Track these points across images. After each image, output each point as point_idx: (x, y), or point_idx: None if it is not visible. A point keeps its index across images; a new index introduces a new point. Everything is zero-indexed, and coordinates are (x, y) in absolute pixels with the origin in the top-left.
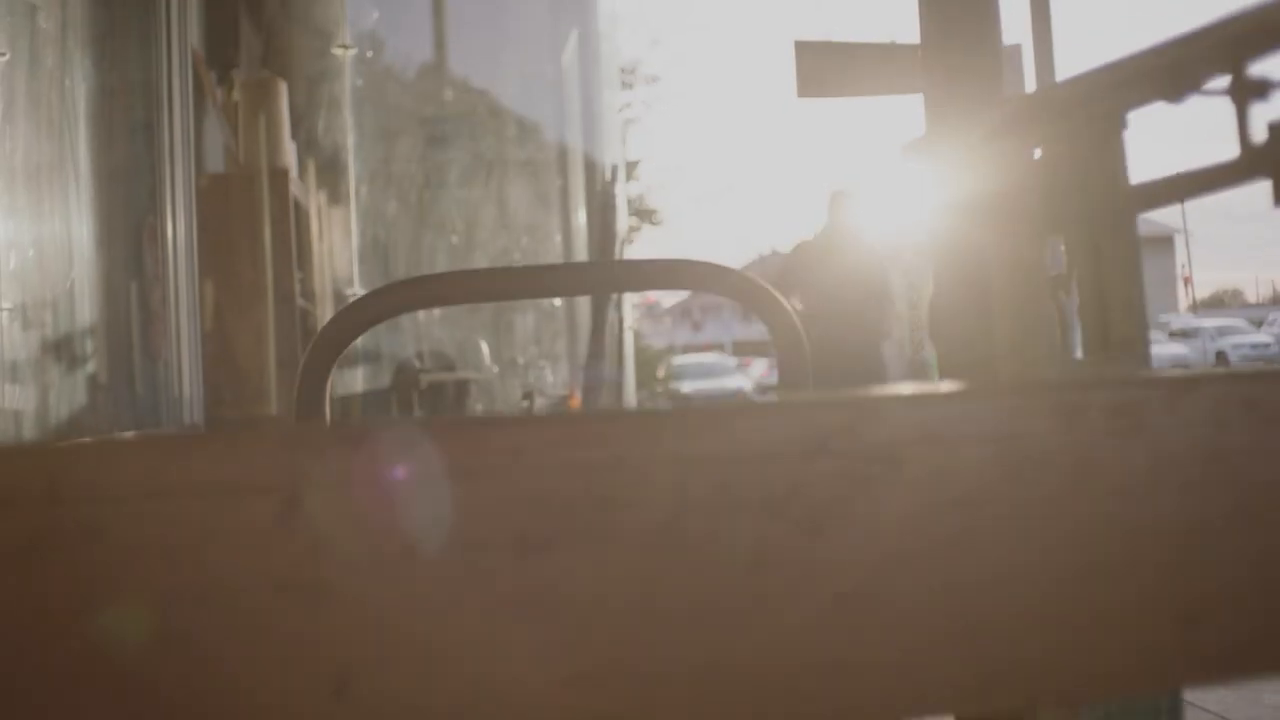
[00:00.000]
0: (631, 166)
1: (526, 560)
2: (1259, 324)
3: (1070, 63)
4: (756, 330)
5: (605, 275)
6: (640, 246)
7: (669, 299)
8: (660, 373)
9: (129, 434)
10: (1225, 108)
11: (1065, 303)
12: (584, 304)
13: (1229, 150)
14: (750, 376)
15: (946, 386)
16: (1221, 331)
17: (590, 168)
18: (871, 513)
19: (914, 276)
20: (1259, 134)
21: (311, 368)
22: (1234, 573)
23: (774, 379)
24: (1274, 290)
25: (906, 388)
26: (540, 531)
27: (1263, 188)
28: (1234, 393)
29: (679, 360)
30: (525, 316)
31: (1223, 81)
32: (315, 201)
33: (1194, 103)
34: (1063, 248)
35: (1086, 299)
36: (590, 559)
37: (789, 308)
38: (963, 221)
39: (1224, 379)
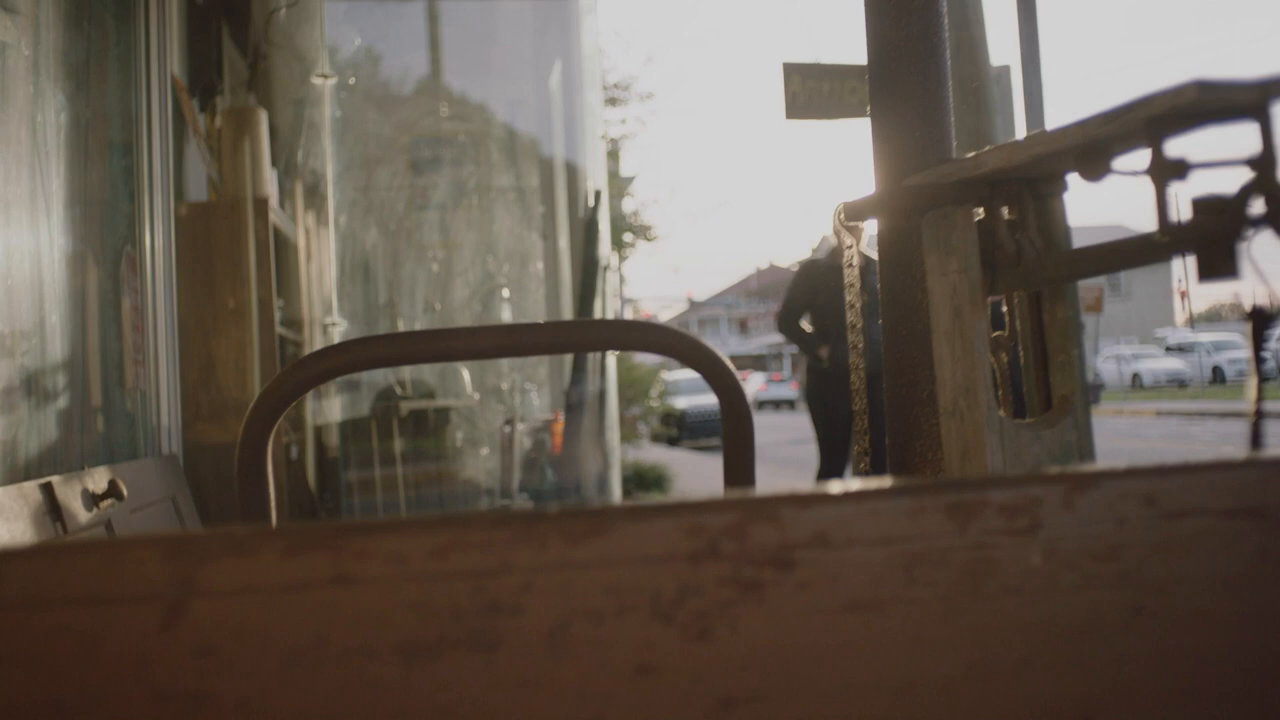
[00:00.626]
0: (626, 183)
1: (413, 668)
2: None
3: (1057, 82)
4: (754, 344)
5: (549, 337)
6: (635, 262)
7: (666, 313)
8: (654, 390)
9: (10, 545)
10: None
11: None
12: None
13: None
14: (746, 392)
15: (838, 487)
16: (1218, 346)
17: (574, 194)
18: (762, 617)
19: None
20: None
21: (251, 433)
22: (1132, 671)
23: (770, 393)
24: (1272, 304)
25: (798, 488)
26: (426, 639)
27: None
28: (1133, 489)
29: (672, 376)
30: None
31: (1142, 162)
32: (302, 227)
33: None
34: (1004, 308)
35: (1028, 360)
36: (477, 666)
37: (738, 377)
38: (905, 281)
39: (1123, 474)
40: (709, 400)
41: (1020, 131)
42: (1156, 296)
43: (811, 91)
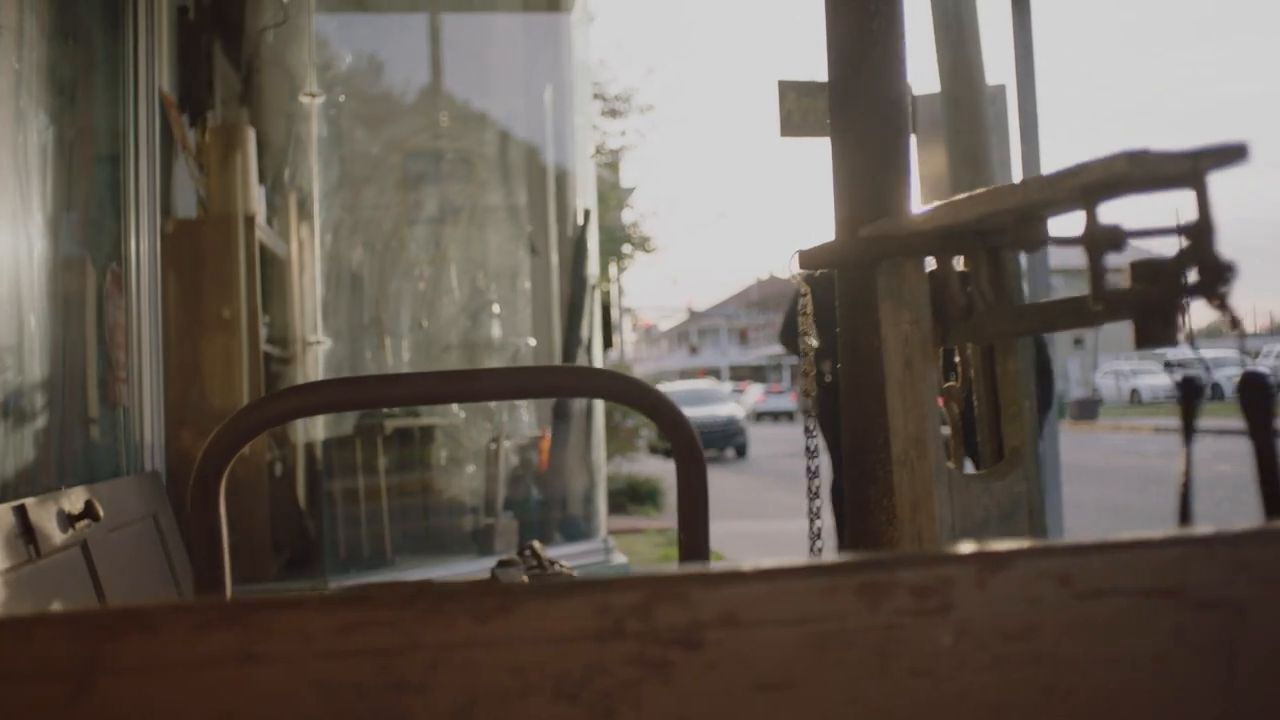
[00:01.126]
0: (626, 194)
1: None
2: (1255, 355)
3: (1052, 102)
4: (753, 355)
5: (498, 383)
6: (635, 273)
7: (666, 322)
8: None
9: None
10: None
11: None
12: (555, 347)
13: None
14: (744, 403)
15: (749, 565)
16: (1216, 363)
17: (563, 212)
18: (668, 697)
19: None
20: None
21: (205, 472)
22: None
23: (769, 405)
24: (1271, 319)
25: (707, 567)
26: (330, 717)
27: (1262, 221)
28: (1048, 568)
29: (670, 387)
30: (494, 360)
31: (1078, 228)
32: (292, 244)
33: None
34: (957, 359)
35: (981, 411)
36: None
37: (692, 428)
38: (862, 329)
39: (1038, 554)
40: (708, 412)
41: (1015, 151)
42: None
43: (806, 109)
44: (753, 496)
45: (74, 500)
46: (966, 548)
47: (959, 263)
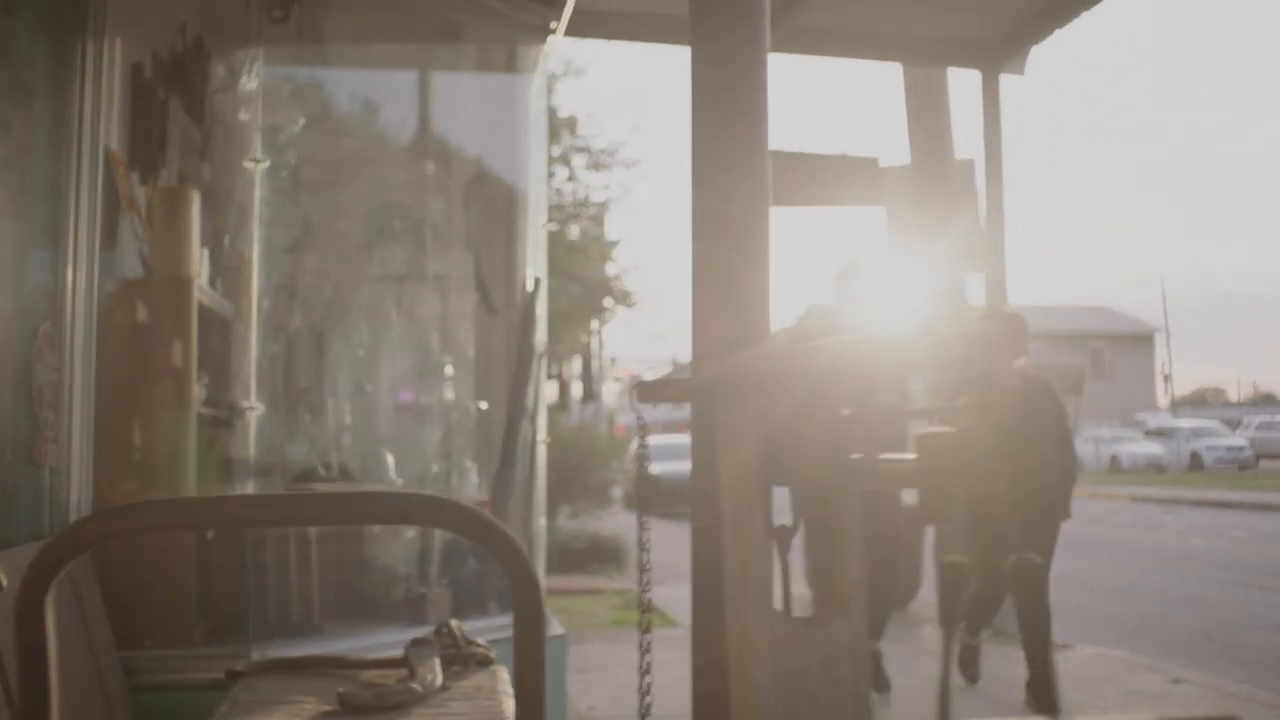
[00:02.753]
0: (609, 247)
1: None
2: (1236, 425)
3: (1020, 175)
4: None
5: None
6: (616, 327)
7: (651, 372)
8: (630, 453)
9: None
10: None
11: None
12: (498, 414)
13: None
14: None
15: None
16: (1197, 433)
17: (510, 282)
18: None
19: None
20: None
21: (29, 590)
22: None
23: None
24: (1255, 389)
25: None
26: None
27: (1248, 293)
28: None
29: (650, 440)
30: (433, 429)
31: None
32: (235, 306)
33: None
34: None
35: (820, 553)
36: None
37: (520, 547)
38: (707, 461)
39: None
40: (683, 467)
41: (982, 226)
42: (1139, 379)
43: (780, 179)
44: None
45: None
46: None
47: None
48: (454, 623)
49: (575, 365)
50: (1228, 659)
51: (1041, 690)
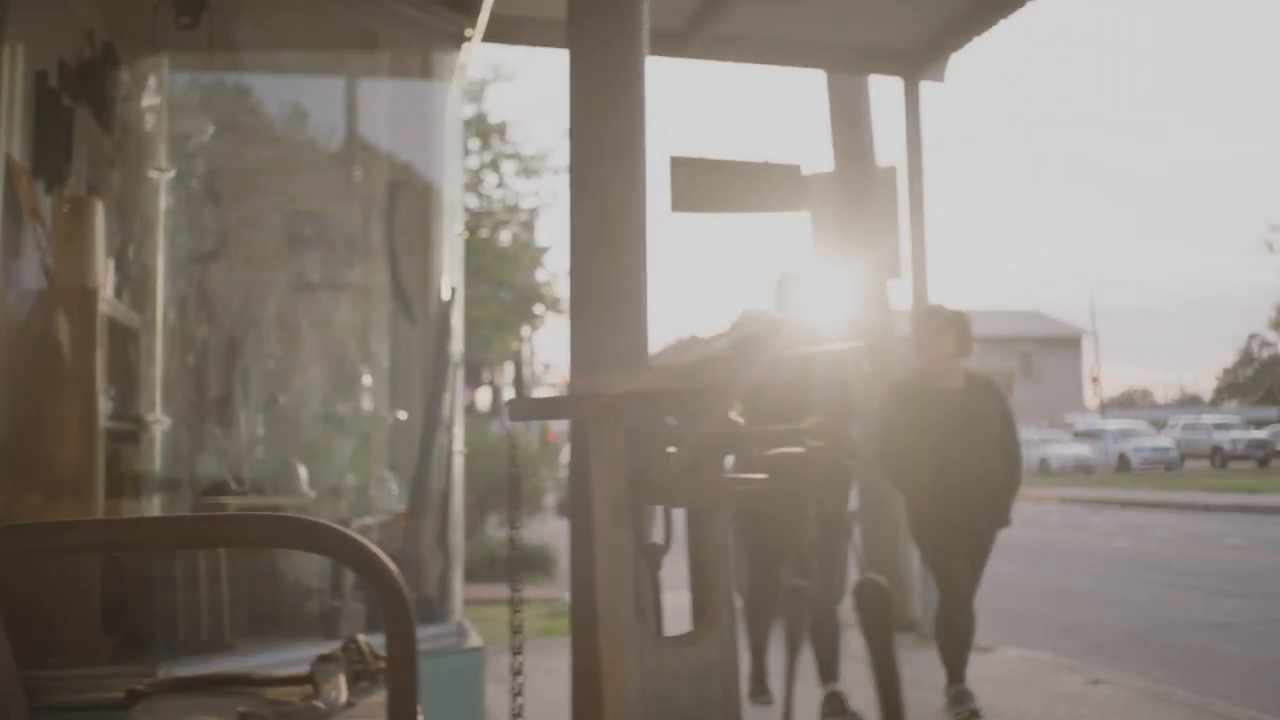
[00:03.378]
0: (539, 253)
1: None
2: (1162, 426)
3: (949, 181)
4: None
5: (194, 529)
6: (546, 333)
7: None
8: (563, 459)
9: None
10: None
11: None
12: (417, 425)
13: None
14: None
15: None
16: (1124, 434)
17: (426, 290)
18: None
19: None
20: None
21: None
22: None
23: None
24: (1181, 391)
25: None
26: None
27: (1175, 296)
28: None
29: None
30: (348, 440)
31: None
32: (141, 318)
33: None
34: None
35: (691, 569)
36: None
37: (394, 572)
38: (582, 480)
39: None
40: None
41: (904, 232)
42: (1067, 381)
43: (698, 186)
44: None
45: None
46: None
47: None
48: (362, 638)
49: (508, 372)
50: (1151, 659)
51: None
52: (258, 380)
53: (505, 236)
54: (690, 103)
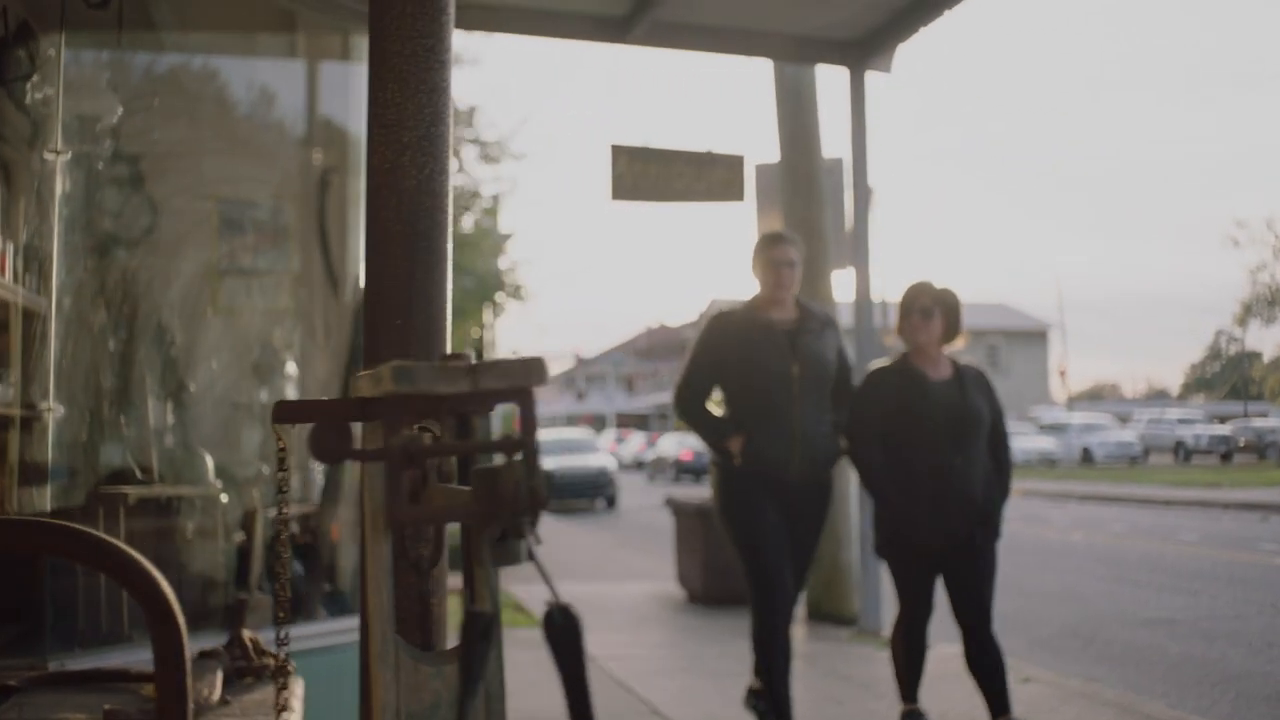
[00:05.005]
0: (502, 240)
1: None
2: (1127, 420)
3: (919, 173)
4: (640, 403)
5: None
6: (508, 321)
7: (554, 367)
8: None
9: None
10: None
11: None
12: None
13: None
14: (621, 454)
15: None
16: (1088, 428)
17: (339, 280)
18: None
19: None
20: None
21: None
22: None
23: (651, 454)
24: (1149, 385)
25: None
26: None
27: (1146, 291)
28: None
29: (541, 435)
30: (253, 431)
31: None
32: (38, 305)
33: None
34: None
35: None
36: None
37: (154, 576)
38: None
39: None
40: (579, 462)
41: (849, 223)
42: (1034, 374)
43: (638, 174)
44: (600, 555)
45: None
46: None
47: None
48: (248, 634)
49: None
50: (1093, 655)
51: None
52: (166, 368)
53: (468, 222)
54: (637, 91)
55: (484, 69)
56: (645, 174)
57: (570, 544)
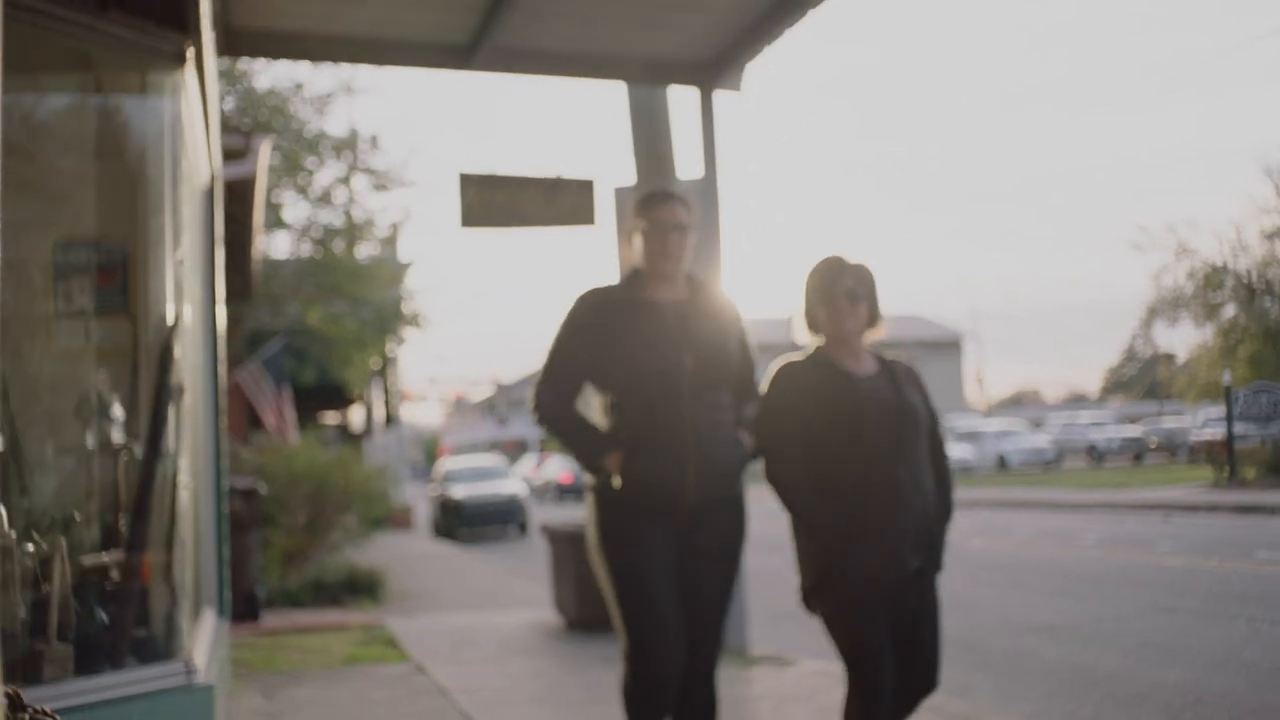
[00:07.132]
0: (401, 270)
1: None
2: (1041, 425)
3: (832, 186)
4: None
5: None
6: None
7: (476, 394)
8: (432, 477)
9: None
10: None
11: None
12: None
13: None
14: (537, 478)
15: None
16: (1003, 434)
17: (144, 318)
18: None
19: None
20: None
21: None
22: None
23: (540, 477)
24: (1069, 390)
25: None
26: None
27: (1063, 298)
28: None
29: (451, 464)
30: (46, 478)
31: None
32: None
33: None
34: None
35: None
36: None
37: None
38: None
39: None
40: (489, 489)
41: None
42: (949, 383)
43: (487, 202)
44: (493, 584)
45: None
46: None
47: None
48: (12, 689)
49: (376, 390)
50: (972, 663)
51: None
52: None
53: (363, 252)
54: (486, 118)
55: (377, 98)
56: (494, 201)
57: (464, 574)
